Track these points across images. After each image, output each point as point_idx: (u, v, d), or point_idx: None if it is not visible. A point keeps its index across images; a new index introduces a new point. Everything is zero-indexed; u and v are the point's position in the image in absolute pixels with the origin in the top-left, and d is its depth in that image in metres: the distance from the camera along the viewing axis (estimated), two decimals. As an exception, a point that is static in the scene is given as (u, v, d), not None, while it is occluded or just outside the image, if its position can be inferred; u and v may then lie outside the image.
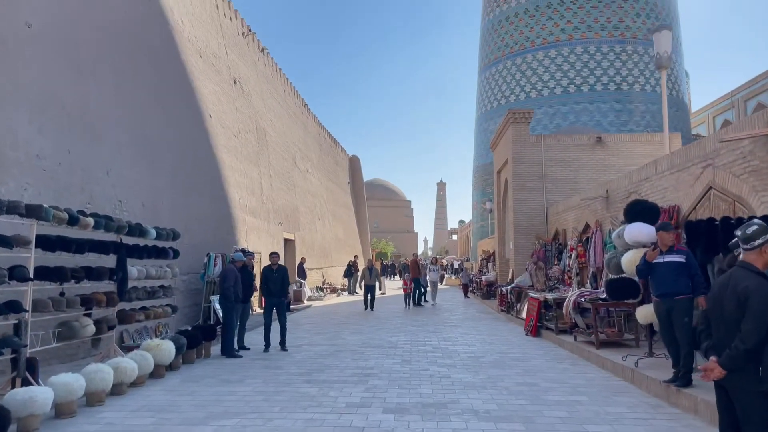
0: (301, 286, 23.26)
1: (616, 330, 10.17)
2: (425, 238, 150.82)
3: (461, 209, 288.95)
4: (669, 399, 6.81)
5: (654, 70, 36.85)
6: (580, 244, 15.48)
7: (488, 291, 24.30)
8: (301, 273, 24.54)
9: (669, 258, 6.79)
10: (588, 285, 13.77)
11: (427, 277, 21.68)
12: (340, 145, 46.26)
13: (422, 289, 21.58)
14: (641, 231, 8.12)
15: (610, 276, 8.95)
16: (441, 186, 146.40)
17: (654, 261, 6.85)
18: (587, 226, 15.30)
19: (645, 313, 7.95)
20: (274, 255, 11.60)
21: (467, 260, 47.83)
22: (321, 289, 28.05)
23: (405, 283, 20.44)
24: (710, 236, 7.35)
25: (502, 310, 18.63)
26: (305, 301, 23.02)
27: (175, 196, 14.17)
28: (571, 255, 15.81)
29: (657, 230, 7.01)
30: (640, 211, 8.34)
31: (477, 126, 43.11)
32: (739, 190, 8.16)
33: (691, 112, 41.45)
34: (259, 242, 20.22)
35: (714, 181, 8.85)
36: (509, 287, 17.30)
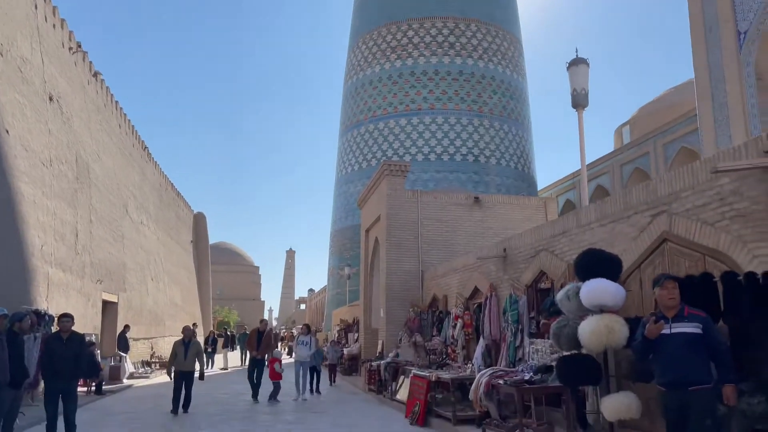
0: (120, 361, 18.64)
1: (545, 423, 7.84)
2: (270, 307, 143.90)
3: (311, 278, 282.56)
4: None
5: (508, 145, 37.85)
6: (467, 311, 13.39)
7: (350, 366, 21.42)
8: (123, 344, 19.88)
9: (678, 328, 4.61)
10: (479, 360, 11.51)
11: (293, 355, 15.91)
12: (184, 199, 41.72)
13: (316, 374, 15.83)
14: (606, 290, 5.98)
15: (562, 352, 6.72)
16: (290, 254, 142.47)
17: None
18: (476, 291, 13.28)
19: (617, 406, 5.68)
20: (65, 319, 7.90)
21: (317, 330, 44.38)
22: (148, 363, 23.24)
23: (273, 363, 13.84)
24: (708, 298, 5.36)
25: (371, 390, 15.84)
26: (125, 381, 18.39)
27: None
28: (455, 324, 13.62)
29: (654, 285, 4.84)
30: (597, 263, 6.24)
31: (336, 189, 41.24)
32: (715, 241, 6.38)
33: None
34: (68, 304, 15.68)
35: (671, 231, 7.08)
36: (384, 363, 14.62)
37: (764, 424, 4.77)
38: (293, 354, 16.88)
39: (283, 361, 14.88)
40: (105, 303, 19.85)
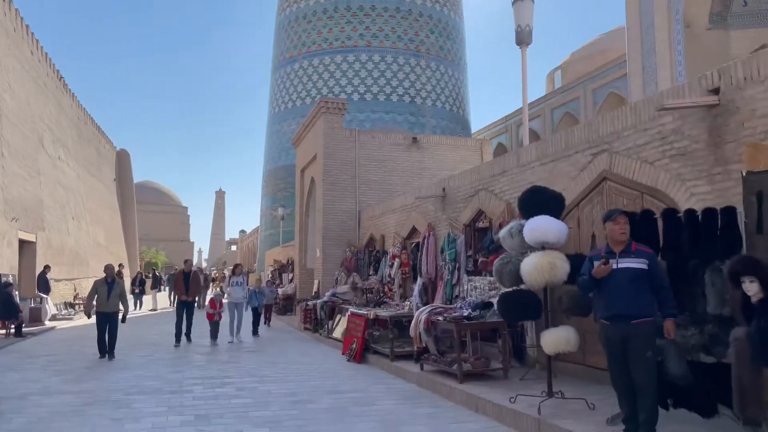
0: (41, 303, 17.75)
1: (482, 358, 8.01)
2: (200, 248, 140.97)
3: (242, 219, 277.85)
4: (621, 470, 4.63)
5: (444, 87, 37.63)
6: (405, 251, 13.44)
7: (285, 306, 21.36)
8: (43, 285, 18.91)
9: (625, 263, 4.66)
10: (417, 298, 11.63)
11: (225, 297, 14.62)
12: (106, 135, 39.48)
13: (258, 312, 15.55)
14: (550, 228, 6.00)
15: (503, 289, 6.79)
16: (220, 194, 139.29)
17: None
18: (414, 231, 13.31)
19: (557, 340, 5.80)
20: None
21: (250, 271, 43.74)
22: (72, 305, 22.32)
23: (213, 306, 13.45)
24: (648, 234, 5.46)
25: (307, 328, 15.85)
26: (47, 322, 17.58)
27: None
28: (392, 264, 13.68)
29: (605, 220, 4.86)
30: (541, 200, 6.23)
31: (269, 128, 40.03)
32: (654, 180, 6.50)
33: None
34: (-22, 243, 14.64)
35: (611, 170, 7.17)
36: (320, 302, 14.57)
37: (695, 354, 4.99)
38: (225, 295, 16.41)
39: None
40: (22, 242, 18.72)
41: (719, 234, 5.05)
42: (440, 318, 8.25)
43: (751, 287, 4.05)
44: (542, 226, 5.99)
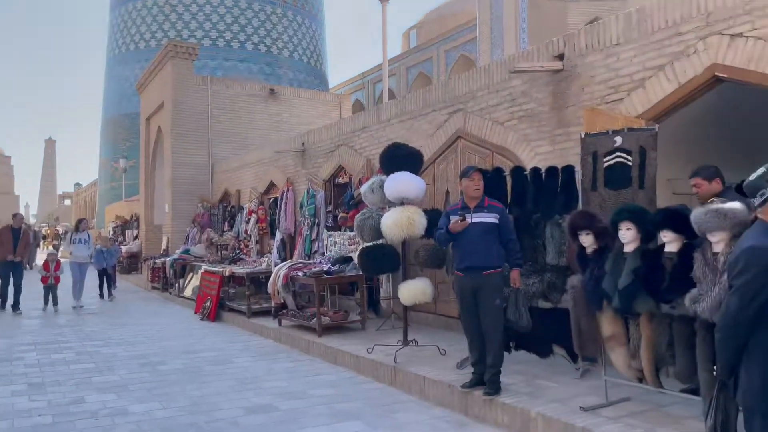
0: None
1: (341, 311, 8.12)
2: (27, 203, 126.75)
3: (77, 171, 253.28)
4: (470, 411, 4.97)
5: (302, 38, 36.75)
6: (262, 206, 13.15)
7: (129, 264, 20.05)
8: None
9: (478, 218, 4.90)
10: (275, 254, 11.49)
11: (59, 254, 13.35)
12: None
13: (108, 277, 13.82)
14: (409, 184, 6.15)
15: (363, 243, 6.83)
16: (50, 143, 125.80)
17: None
18: (272, 186, 13.02)
19: (414, 291, 6.03)
20: None
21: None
22: None
23: (47, 268, 11.88)
24: (497, 190, 5.77)
25: (155, 288, 15.05)
26: None
27: None
28: (249, 219, 13.33)
29: (461, 177, 5.05)
30: (402, 157, 6.34)
31: (108, 72, 36.55)
32: (503, 139, 6.89)
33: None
34: None
35: (464, 129, 7.48)
36: (170, 259, 13.83)
37: (535, 301, 5.46)
38: (59, 253, 14.90)
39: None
40: None
41: (559, 191, 5.49)
42: (300, 273, 8.21)
43: (587, 239, 4.46)
44: (402, 182, 6.13)
